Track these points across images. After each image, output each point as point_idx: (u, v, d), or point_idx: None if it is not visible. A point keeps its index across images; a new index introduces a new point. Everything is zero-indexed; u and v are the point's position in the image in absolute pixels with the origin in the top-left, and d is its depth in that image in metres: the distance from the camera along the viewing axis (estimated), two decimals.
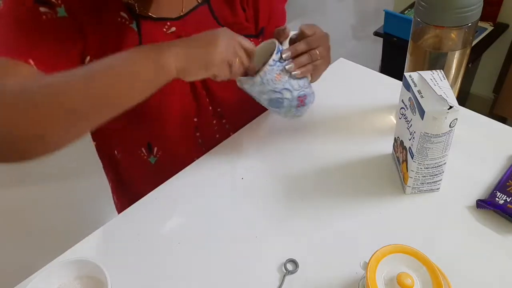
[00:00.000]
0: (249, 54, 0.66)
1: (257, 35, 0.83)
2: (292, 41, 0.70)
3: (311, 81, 0.73)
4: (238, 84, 0.70)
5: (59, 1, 0.63)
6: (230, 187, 0.74)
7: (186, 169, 0.78)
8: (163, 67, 0.58)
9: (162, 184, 0.75)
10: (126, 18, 0.69)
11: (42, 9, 0.61)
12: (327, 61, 0.72)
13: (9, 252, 1.66)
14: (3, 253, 1.64)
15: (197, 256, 0.64)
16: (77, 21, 0.65)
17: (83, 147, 0.86)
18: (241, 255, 0.64)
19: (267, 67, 0.66)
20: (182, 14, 0.74)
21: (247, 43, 0.66)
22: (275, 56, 0.67)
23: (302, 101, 0.71)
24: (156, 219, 0.70)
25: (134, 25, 0.70)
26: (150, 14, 0.71)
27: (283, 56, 0.67)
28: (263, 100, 0.71)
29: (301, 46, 0.68)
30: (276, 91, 0.68)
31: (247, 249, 0.64)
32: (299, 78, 0.70)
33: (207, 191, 0.74)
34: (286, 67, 0.67)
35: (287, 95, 0.69)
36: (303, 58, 0.68)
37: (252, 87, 0.69)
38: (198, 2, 0.75)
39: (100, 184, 0.97)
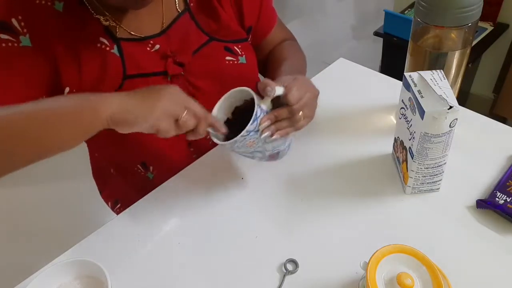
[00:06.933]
0: (200, 117, 0.59)
1: (247, 38, 0.79)
2: (276, 98, 0.63)
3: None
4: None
5: (24, 30, 0.59)
6: (230, 187, 0.74)
7: (186, 169, 0.78)
8: (96, 111, 0.53)
9: (162, 185, 0.75)
10: (106, 43, 0.66)
11: (2, 36, 0.58)
12: (310, 119, 0.67)
13: (9, 252, 1.66)
14: (3, 253, 1.64)
15: (197, 256, 0.64)
16: (44, 51, 0.61)
17: (84, 147, 0.87)
18: (241, 255, 0.64)
19: (239, 138, 0.59)
20: (164, 28, 0.70)
21: (198, 108, 0.59)
22: (250, 126, 0.59)
23: (273, 157, 0.68)
24: (156, 219, 0.70)
25: (115, 50, 0.66)
26: (132, 33, 0.67)
27: (261, 126, 0.60)
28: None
29: (283, 113, 0.62)
30: (247, 153, 0.65)
31: (247, 249, 0.64)
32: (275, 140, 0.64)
33: (207, 191, 0.74)
34: (262, 136, 0.61)
35: (258, 155, 0.66)
36: (284, 124, 0.63)
37: (222, 146, 0.64)
38: (179, 11, 0.72)
39: None
